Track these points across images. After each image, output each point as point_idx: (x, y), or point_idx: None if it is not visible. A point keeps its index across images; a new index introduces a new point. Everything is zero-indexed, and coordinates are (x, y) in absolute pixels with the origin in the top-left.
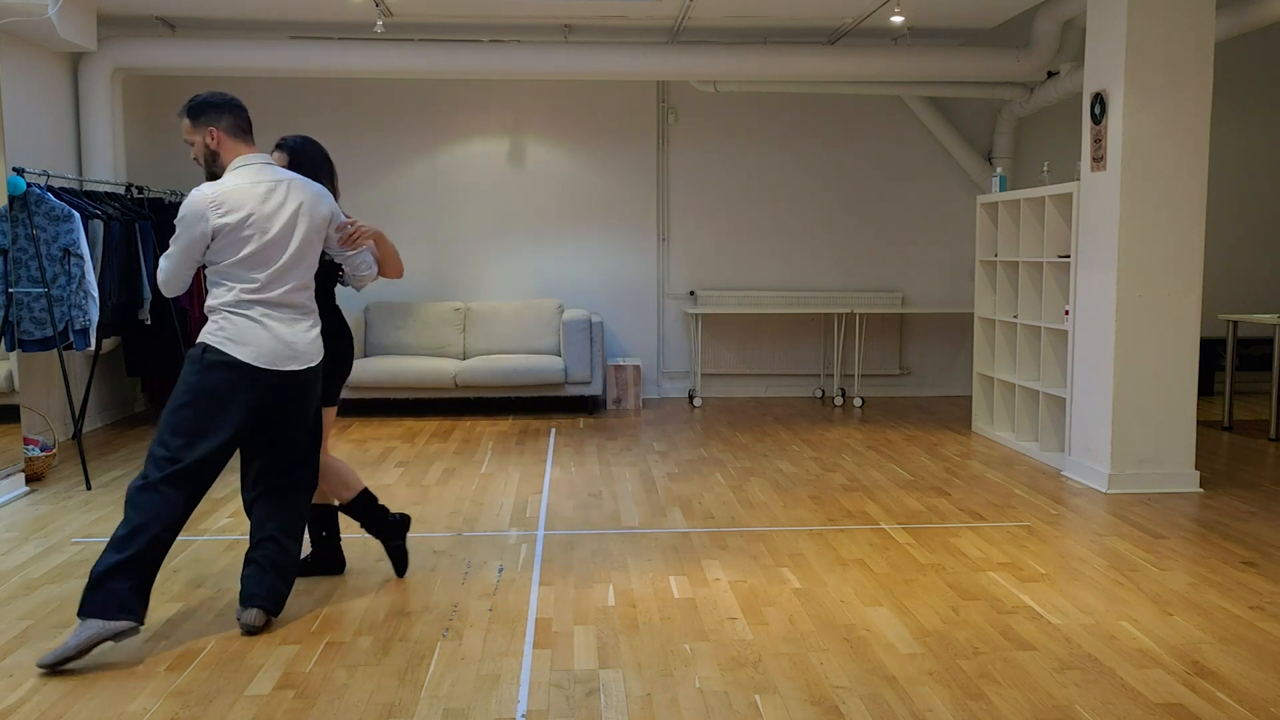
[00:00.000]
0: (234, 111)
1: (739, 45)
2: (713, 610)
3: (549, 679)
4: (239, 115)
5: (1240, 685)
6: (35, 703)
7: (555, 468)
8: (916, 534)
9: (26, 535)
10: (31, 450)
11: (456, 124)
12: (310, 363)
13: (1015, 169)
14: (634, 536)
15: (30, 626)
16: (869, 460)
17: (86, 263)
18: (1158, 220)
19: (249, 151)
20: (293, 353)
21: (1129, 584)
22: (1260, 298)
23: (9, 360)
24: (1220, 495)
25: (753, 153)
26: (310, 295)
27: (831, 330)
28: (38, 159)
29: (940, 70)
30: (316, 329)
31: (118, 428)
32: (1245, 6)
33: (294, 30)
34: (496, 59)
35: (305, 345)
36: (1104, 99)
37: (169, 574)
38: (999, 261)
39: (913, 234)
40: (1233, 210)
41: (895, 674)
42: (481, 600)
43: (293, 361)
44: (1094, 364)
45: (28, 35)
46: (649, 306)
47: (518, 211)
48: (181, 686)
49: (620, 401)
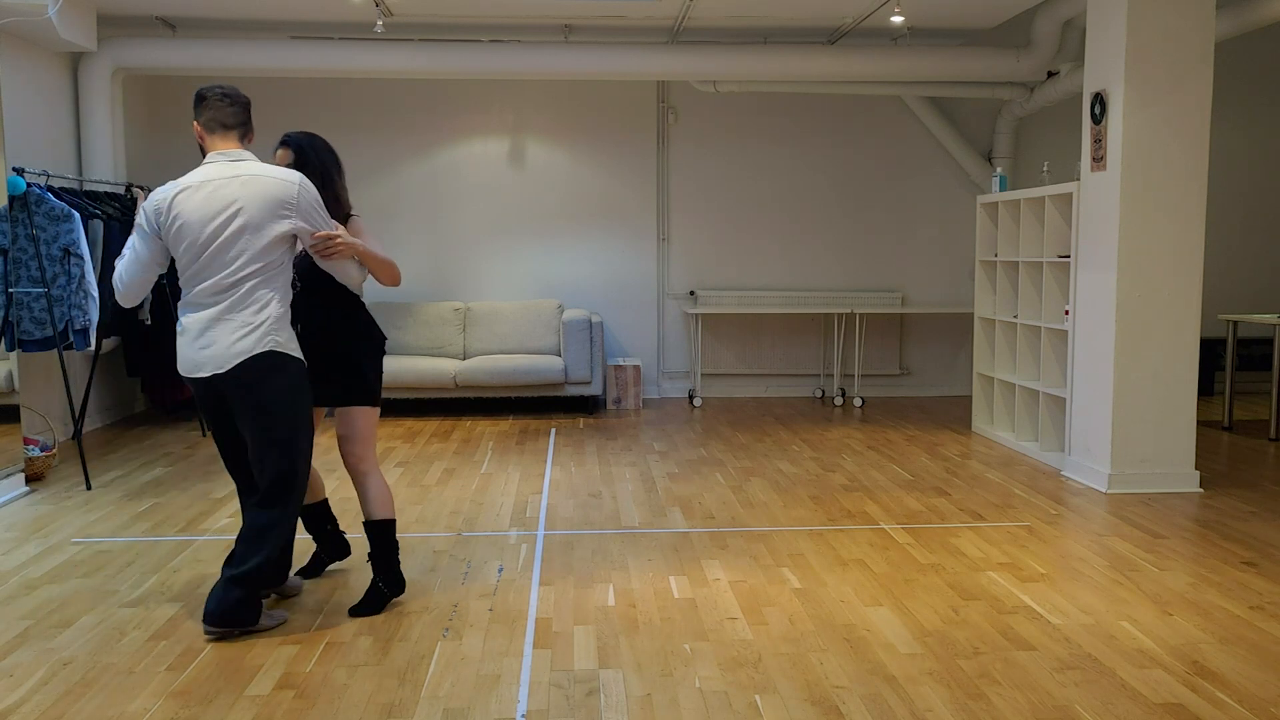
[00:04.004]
0: (214, 105)
1: (739, 45)
2: (713, 610)
3: (549, 679)
4: (218, 109)
5: (1240, 685)
6: (35, 703)
7: (555, 468)
8: (916, 534)
9: (26, 535)
10: (31, 450)
11: (456, 124)
12: (221, 368)
13: (1015, 169)
14: (634, 536)
15: (30, 626)
16: (869, 460)
17: (86, 263)
18: (1158, 220)
19: (223, 147)
20: (199, 360)
21: (1129, 584)
22: (1260, 298)
23: (9, 360)
24: (1220, 495)
25: (753, 153)
26: (236, 296)
27: (831, 330)
28: (38, 159)
29: (940, 70)
30: (242, 331)
31: (118, 428)
32: (1245, 6)
33: (294, 30)
34: (496, 59)
35: (217, 350)
36: (1104, 99)
37: (169, 574)
38: (999, 261)
39: (913, 234)
40: (1233, 210)
41: (895, 674)
42: (481, 600)
43: (200, 369)
44: (1094, 364)
45: (28, 35)
46: (649, 306)
47: (518, 211)
48: (181, 686)
49: (620, 401)
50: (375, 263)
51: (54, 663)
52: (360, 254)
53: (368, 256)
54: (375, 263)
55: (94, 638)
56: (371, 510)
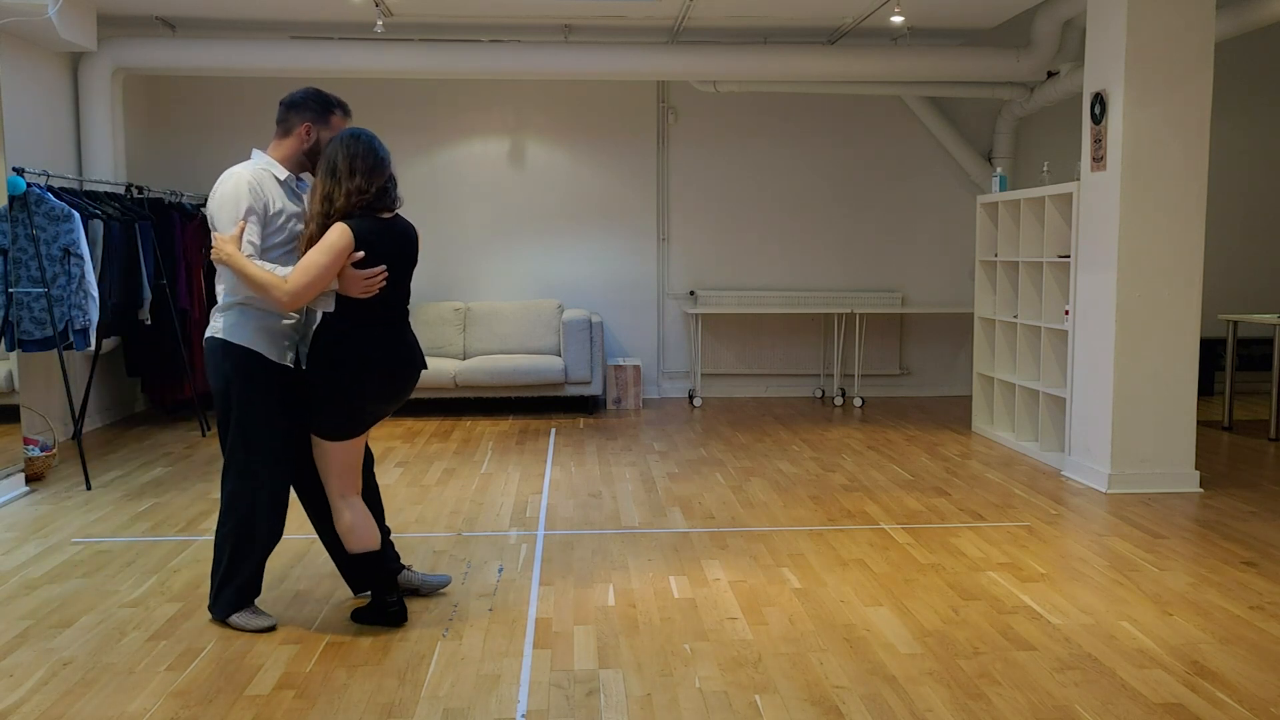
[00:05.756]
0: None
1: (739, 45)
2: (713, 610)
3: (549, 679)
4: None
5: (1240, 685)
6: (35, 703)
7: (555, 468)
8: (916, 534)
9: (26, 535)
10: (31, 450)
11: (456, 124)
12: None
13: (1015, 169)
14: (634, 536)
15: (30, 626)
16: (869, 460)
17: (86, 263)
18: (1158, 220)
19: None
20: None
21: (1129, 584)
22: (1260, 298)
23: (9, 360)
24: (1220, 495)
25: (753, 153)
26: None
27: (831, 330)
28: (38, 159)
29: (940, 70)
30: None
31: (118, 428)
32: (1245, 6)
33: (294, 30)
34: (496, 59)
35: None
36: (1104, 99)
37: (169, 574)
38: (999, 261)
39: (913, 234)
40: (1233, 210)
41: (895, 674)
42: (481, 600)
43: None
44: (1094, 364)
45: (28, 35)
46: (649, 306)
47: (518, 211)
48: (181, 686)
49: (620, 401)
50: (246, 279)
51: (54, 663)
52: (233, 267)
53: (240, 272)
54: (246, 279)
55: (94, 638)
56: (345, 544)
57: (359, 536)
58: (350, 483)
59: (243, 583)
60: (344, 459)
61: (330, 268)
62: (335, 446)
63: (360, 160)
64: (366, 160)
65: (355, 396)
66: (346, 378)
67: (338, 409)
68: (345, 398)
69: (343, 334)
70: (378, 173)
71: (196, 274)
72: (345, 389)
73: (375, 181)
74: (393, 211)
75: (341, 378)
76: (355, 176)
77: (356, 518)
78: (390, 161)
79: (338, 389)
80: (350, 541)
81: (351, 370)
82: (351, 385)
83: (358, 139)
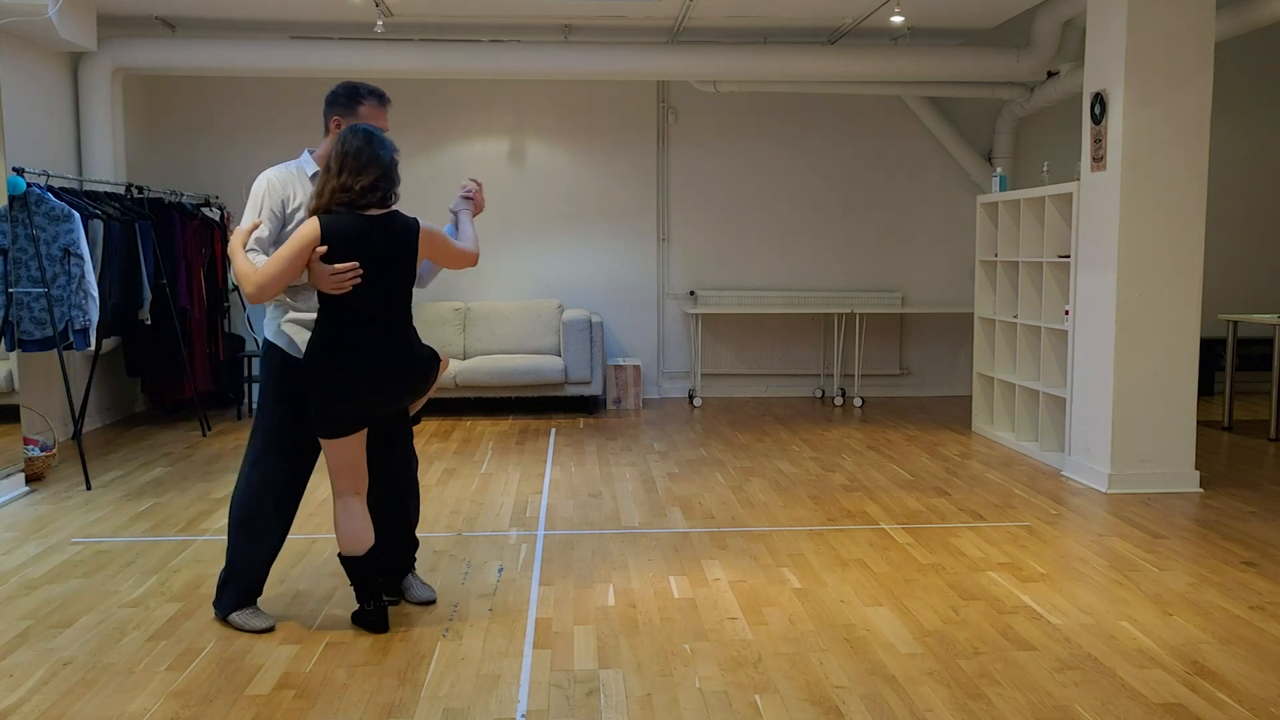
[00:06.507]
0: None
1: (739, 45)
2: (713, 610)
3: (549, 679)
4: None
5: (1240, 685)
6: (35, 703)
7: (555, 468)
8: (916, 534)
9: (26, 535)
10: (31, 450)
11: (456, 124)
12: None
13: (1015, 169)
14: (634, 536)
15: (30, 626)
16: (869, 460)
17: (86, 263)
18: (1158, 220)
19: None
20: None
21: (1129, 584)
22: (1260, 298)
23: (9, 360)
24: (1220, 495)
25: (753, 153)
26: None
27: (831, 330)
28: (38, 159)
29: (940, 70)
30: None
31: (118, 428)
32: (1245, 6)
33: (294, 30)
34: (496, 59)
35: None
36: (1104, 99)
37: (169, 574)
38: (999, 261)
39: (913, 234)
40: (1233, 210)
41: (895, 674)
42: (481, 600)
43: None
44: (1094, 364)
45: (28, 35)
46: (649, 306)
47: (518, 211)
48: (181, 686)
49: (620, 401)
50: (234, 269)
51: (54, 663)
52: (231, 257)
53: (232, 262)
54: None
55: (94, 638)
56: (337, 540)
57: (345, 537)
58: (349, 482)
59: (245, 582)
60: (339, 457)
61: (294, 260)
62: (329, 444)
63: (350, 157)
64: (358, 157)
65: (331, 394)
66: (319, 375)
67: (316, 406)
68: (321, 395)
69: (323, 330)
70: (368, 170)
71: (196, 274)
72: (319, 386)
73: (361, 179)
74: (385, 209)
75: (315, 374)
76: (342, 173)
77: (347, 518)
78: (390, 160)
79: (313, 386)
80: (338, 540)
81: (323, 368)
82: (325, 382)
83: (355, 134)
